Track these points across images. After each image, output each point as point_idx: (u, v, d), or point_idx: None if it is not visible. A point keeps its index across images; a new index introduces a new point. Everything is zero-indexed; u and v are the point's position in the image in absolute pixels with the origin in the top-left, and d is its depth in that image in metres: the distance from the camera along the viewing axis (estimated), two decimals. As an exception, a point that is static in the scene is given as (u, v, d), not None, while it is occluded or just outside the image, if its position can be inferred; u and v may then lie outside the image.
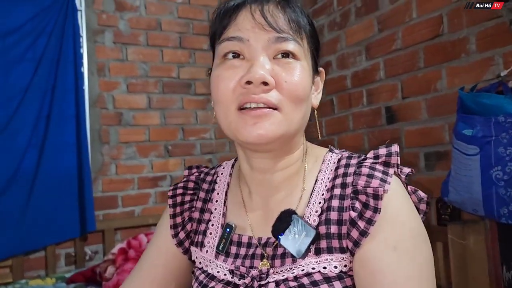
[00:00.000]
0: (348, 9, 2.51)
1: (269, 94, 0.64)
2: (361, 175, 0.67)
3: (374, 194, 0.64)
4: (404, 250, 0.61)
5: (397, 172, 0.69)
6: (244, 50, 0.66)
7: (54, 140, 2.39)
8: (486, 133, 1.45)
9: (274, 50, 0.66)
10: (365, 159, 0.71)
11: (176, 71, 2.93)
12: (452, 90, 1.88)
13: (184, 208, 0.84)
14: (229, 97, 0.66)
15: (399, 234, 0.62)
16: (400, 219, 0.64)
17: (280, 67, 0.65)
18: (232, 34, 0.66)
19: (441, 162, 1.95)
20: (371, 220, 0.63)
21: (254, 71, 0.63)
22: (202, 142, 3.00)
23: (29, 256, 2.41)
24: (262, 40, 0.65)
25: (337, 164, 0.73)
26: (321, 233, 0.66)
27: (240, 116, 0.65)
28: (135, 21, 2.79)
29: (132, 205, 2.74)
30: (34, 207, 2.32)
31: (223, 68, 0.67)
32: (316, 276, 0.64)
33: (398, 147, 0.70)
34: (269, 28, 0.65)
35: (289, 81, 0.65)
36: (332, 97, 2.65)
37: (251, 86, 0.63)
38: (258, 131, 0.63)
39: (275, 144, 0.67)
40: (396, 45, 2.17)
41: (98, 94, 2.66)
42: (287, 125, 0.65)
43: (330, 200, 0.69)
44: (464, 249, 1.61)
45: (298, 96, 0.66)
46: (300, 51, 0.67)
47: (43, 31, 2.39)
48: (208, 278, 0.74)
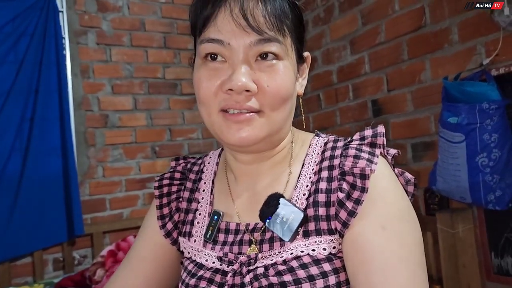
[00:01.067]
0: (331, 3, 2.52)
1: (251, 101, 0.64)
2: (347, 157, 0.67)
3: (361, 174, 0.64)
4: (393, 230, 0.61)
5: (383, 152, 0.69)
6: (225, 53, 0.65)
7: (38, 143, 2.36)
8: (471, 120, 1.47)
9: (255, 52, 0.64)
10: (351, 141, 0.71)
11: (161, 71, 2.91)
12: (437, 81, 1.89)
13: (171, 199, 0.83)
14: (211, 100, 0.66)
15: (387, 214, 0.62)
16: (387, 199, 0.64)
17: (262, 71, 0.64)
18: (212, 36, 0.64)
19: (428, 153, 1.96)
20: (358, 200, 0.63)
21: (236, 79, 0.62)
22: (190, 142, 2.98)
23: (15, 262, 2.37)
24: (242, 43, 0.63)
25: (323, 148, 0.73)
26: (309, 216, 0.66)
27: (223, 119, 0.65)
28: (118, 22, 2.77)
29: (120, 208, 2.71)
30: (20, 212, 2.27)
31: (205, 71, 0.66)
32: (305, 259, 0.64)
33: (384, 127, 0.70)
34: (249, 30, 0.62)
35: (271, 85, 0.64)
36: (318, 93, 2.65)
37: (233, 92, 0.63)
38: (241, 135, 0.64)
39: (259, 145, 0.67)
40: (380, 38, 2.18)
41: (82, 96, 2.63)
42: (270, 127, 0.66)
43: (317, 183, 0.68)
44: (453, 237, 1.62)
45: (281, 98, 0.65)
46: (282, 50, 0.65)
47: (24, 32, 2.36)
48: (196, 267, 0.73)
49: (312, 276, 0.62)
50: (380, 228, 0.61)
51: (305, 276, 0.62)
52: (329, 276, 0.63)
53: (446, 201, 1.85)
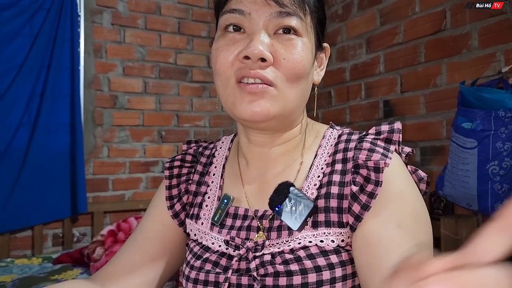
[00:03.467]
0: (350, 1, 2.50)
1: (265, 71, 0.63)
2: (362, 150, 0.66)
3: (375, 167, 0.63)
4: (408, 229, 0.60)
5: (398, 149, 0.68)
6: (245, 24, 0.65)
7: (47, 118, 2.36)
8: (485, 127, 1.45)
9: (275, 25, 0.64)
10: (366, 135, 0.70)
11: (173, 56, 2.90)
12: (452, 85, 1.87)
13: (180, 180, 0.83)
14: (227, 70, 0.65)
15: (403, 213, 0.61)
16: (404, 197, 0.63)
17: (280, 43, 0.64)
18: (233, 6, 0.65)
19: (437, 157, 1.95)
20: (372, 194, 0.62)
21: (253, 47, 0.62)
22: (196, 130, 2.98)
23: (16, 235, 2.38)
24: (263, 14, 0.64)
25: (337, 140, 0.72)
26: (320, 207, 0.66)
27: (238, 90, 0.64)
28: (134, 4, 2.76)
29: (123, 189, 2.71)
30: (23, 186, 2.28)
31: (224, 41, 0.66)
32: (312, 249, 0.63)
33: (401, 124, 0.69)
34: (271, 2, 0.63)
35: (288, 58, 0.64)
36: (330, 89, 2.64)
37: (249, 61, 0.63)
38: (253, 109, 0.63)
39: (271, 122, 0.66)
40: (397, 39, 2.16)
41: (93, 75, 2.62)
42: (283, 103, 0.65)
43: (331, 175, 0.68)
44: (456, 243, 1.61)
45: (296, 73, 0.65)
46: (302, 27, 0.66)
47: (41, 7, 2.35)
48: (202, 250, 0.73)
49: (319, 267, 0.62)
50: (395, 225, 0.60)
51: (311, 267, 0.62)
52: (336, 268, 0.62)
53: (451, 207, 1.84)
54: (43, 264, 2.16)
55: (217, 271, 0.68)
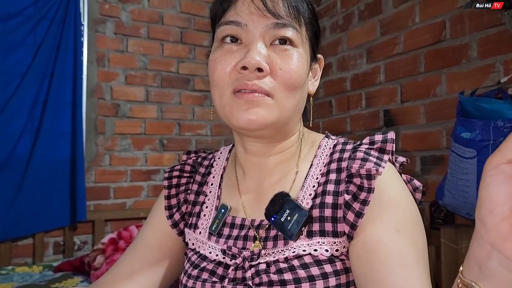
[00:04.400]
0: (351, 11, 2.52)
1: (262, 81, 0.64)
2: (355, 159, 0.67)
3: (367, 174, 0.64)
4: (407, 234, 0.61)
5: (391, 159, 0.69)
6: (242, 35, 0.66)
7: (49, 126, 2.38)
8: (484, 137, 1.46)
9: (271, 36, 0.66)
10: (360, 145, 0.71)
11: (175, 65, 2.93)
12: (451, 95, 1.88)
13: (179, 190, 0.84)
14: (225, 80, 0.66)
15: (401, 218, 0.62)
16: (400, 204, 0.63)
17: (276, 53, 0.66)
18: (230, 18, 0.67)
19: (437, 167, 1.95)
20: (365, 201, 0.63)
21: (250, 57, 0.63)
22: (198, 139, 2.99)
23: (17, 243, 2.38)
24: (260, 26, 0.65)
25: (332, 150, 0.73)
26: (314, 216, 0.66)
27: (234, 99, 0.65)
28: (137, 13, 2.79)
29: (124, 197, 2.72)
30: (25, 194, 2.29)
31: (221, 52, 0.68)
32: (306, 259, 0.64)
33: (394, 134, 0.70)
34: (267, 14, 0.65)
35: (284, 69, 0.65)
36: (330, 99, 2.65)
37: (246, 71, 0.64)
38: (249, 116, 0.64)
39: (267, 130, 0.67)
40: (397, 49, 2.18)
41: (96, 83, 2.65)
42: (279, 111, 0.66)
43: (325, 184, 0.68)
44: (456, 253, 1.61)
45: (292, 83, 0.66)
46: (298, 38, 0.67)
47: (45, 16, 2.38)
48: (200, 259, 0.74)
49: (313, 276, 0.62)
50: (394, 231, 0.61)
51: (305, 276, 0.62)
52: (330, 277, 0.63)
53: (451, 217, 1.84)
54: (43, 272, 2.16)
55: (214, 280, 0.69)
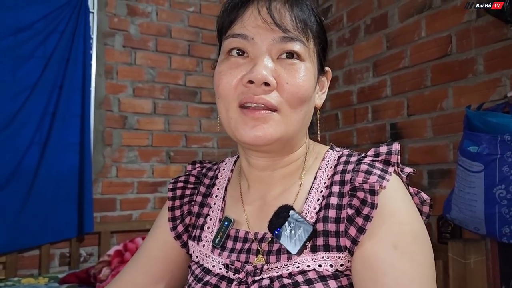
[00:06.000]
0: (357, 25, 2.54)
1: (269, 95, 0.64)
2: (359, 172, 0.66)
3: (370, 189, 0.62)
4: (405, 250, 0.59)
5: (397, 171, 0.68)
6: (249, 48, 0.66)
7: (57, 138, 2.39)
8: (491, 151, 1.45)
9: (278, 50, 0.65)
10: (365, 157, 0.70)
11: (183, 78, 2.95)
12: (458, 109, 1.88)
13: (183, 202, 0.83)
14: (230, 93, 0.66)
15: (399, 233, 0.61)
16: (400, 217, 0.62)
17: (283, 68, 0.65)
18: (237, 31, 0.66)
19: (444, 180, 1.94)
20: (368, 216, 0.61)
21: (257, 71, 0.62)
22: (204, 151, 3.00)
23: (23, 254, 2.39)
24: (267, 39, 0.65)
25: (337, 161, 0.72)
26: (318, 230, 0.65)
27: (240, 115, 0.65)
28: (145, 27, 2.82)
29: (130, 209, 2.72)
30: (33, 205, 2.30)
31: (227, 65, 0.67)
32: (310, 274, 0.63)
33: (399, 145, 0.69)
34: (275, 27, 0.64)
35: (291, 83, 0.64)
36: (337, 112, 2.65)
37: (252, 85, 0.63)
38: (255, 133, 0.63)
39: (273, 146, 0.67)
40: (404, 63, 2.18)
41: (104, 96, 2.67)
42: (286, 127, 0.65)
43: (328, 197, 0.67)
44: (464, 268, 1.59)
45: (299, 98, 0.65)
46: (305, 51, 0.67)
47: (55, 29, 2.42)
48: (203, 272, 0.73)
49: None
50: (391, 247, 0.60)
51: None
52: None
53: (459, 231, 1.83)
54: (49, 283, 2.16)
55: None
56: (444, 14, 1.97)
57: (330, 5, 2.78)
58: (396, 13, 2.25)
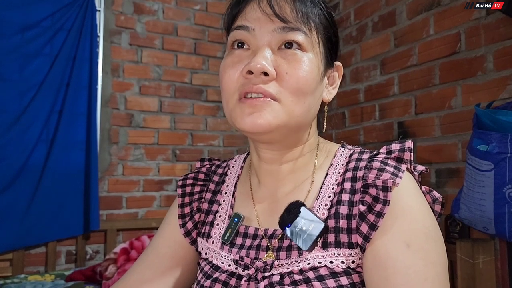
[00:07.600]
0: (365, 23, 2.52)
1: (268, 85, 0.63)
2: (371, 169, 0.65)
3: (383, 186, 0.62)
4: (418, 248, 0.59)
5: (410, 168, 0.67)
6: (250, 40, 0.66)
7: (64, 136, 2.40)
8: (501, 149, 1.43)
9: (279, 40, 0.65)
10: (377, 154, 0.69)
11: (189, 76, 2.95)
12: (467, 108, 1.86)
13: (193, 199, 0.83)
14: (232, 86, 0.66)
15: (412, 231, 0.60)
16: (413, 215, 0.61)
17: (284, 58, 0.65)
18: (238, 23, 0.67)
19: (452, 180, 1.92)
20: (380, 213, 0.61)
21: (255, 61, 0.62)
22: (210, 149, 3.00)
23: (30, 251, 2.40)
24: (267, 30, 0.65)
25: (348, 159, 0.72)
26: (330, 227, 0.65)
27: (239, 105, 0.65)
28: (152, 25, 2.82)
29: (136, 207, 2.73)
30: (39, 202, 2.31)
31: (230, 58, 0.68)
32: (322, 271, 0.62)
33: (412, 143, 0.69)
34: (274, 18, 0.64)
35: (290, 73, 0.64)
36: (344, 110, 2.64)
37: (252, 76, 0.63)
38: (253, 120, 0.63)
39: (275, 134, 0.66)
40: (412, 60, 2.17)
41: (110, 94, 2.68)
42: (288, 116, 0.64)
43: (340, 194, 0.67)
44: (473, 268, 1.57)
45: (299, 88, 0.64)
46: (307, 42, 0.66)
47: (62, 27, 2.43)
48: (212, 269, 0.73)
49: None
50: (404, 245, 0.59)
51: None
52: None
53: (467, 230, 1.81)
54: (55, 281, 2.17)
55: None
56: (453, 11, 1.95)
57: (337, 3, 2.77)
58: (404, 11, 2.23)
